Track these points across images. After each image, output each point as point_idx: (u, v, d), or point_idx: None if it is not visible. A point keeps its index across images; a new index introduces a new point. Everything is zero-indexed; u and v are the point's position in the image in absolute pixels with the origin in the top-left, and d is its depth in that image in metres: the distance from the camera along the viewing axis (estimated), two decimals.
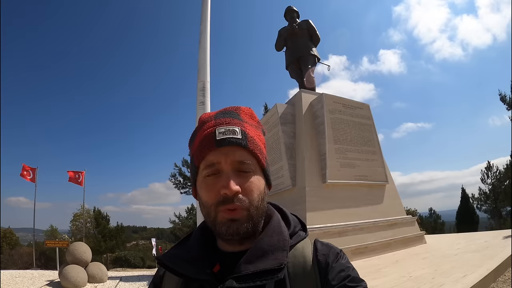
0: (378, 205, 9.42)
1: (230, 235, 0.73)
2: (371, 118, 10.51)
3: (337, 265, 0.77)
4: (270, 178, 0.83)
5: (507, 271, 5.85)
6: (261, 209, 0.77)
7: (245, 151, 0.75)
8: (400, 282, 5.13)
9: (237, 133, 0.75)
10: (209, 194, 0.74)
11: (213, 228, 0.76)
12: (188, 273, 0.74)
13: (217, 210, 0.73)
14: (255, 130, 0.81)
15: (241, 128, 0.77)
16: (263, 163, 0.79)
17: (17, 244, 25.80)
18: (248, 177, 0.75)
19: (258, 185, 0.76)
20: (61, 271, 8.21)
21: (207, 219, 0.77)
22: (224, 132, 0.75)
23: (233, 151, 0.74)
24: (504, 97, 18.92)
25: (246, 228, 0.73)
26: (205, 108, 6.22)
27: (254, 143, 0.77)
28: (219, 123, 0.77)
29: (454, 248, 8.29)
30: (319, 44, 12.03)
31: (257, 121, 0.85)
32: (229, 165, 0.73)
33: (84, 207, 24.61)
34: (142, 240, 55.72)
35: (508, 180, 20.72)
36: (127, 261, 23.45)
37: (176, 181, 24.55)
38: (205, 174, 0.75)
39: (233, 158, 0.73)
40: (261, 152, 0.79)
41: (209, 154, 0.74)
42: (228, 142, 0.74)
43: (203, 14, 6.93)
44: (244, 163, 0.74)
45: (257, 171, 0.77)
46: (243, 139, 0.75)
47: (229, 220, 0.72)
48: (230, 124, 0.77)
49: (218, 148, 0.74)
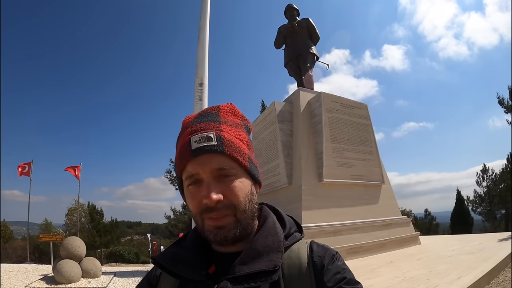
0: (374, 205, 9.44)
1: (218, 242, 0.74)
2: (368, 118, 10.51)
3: (332, 267, 0.76)
4: (257, 176, 0.81)
5: (501, 274, 5.87)
6: (250, 211, 0.76)
7: (223, 156, 0.73)
8: (395, 283, 5.13)
9: (212, 139, 0.73)
10: (193, 203, 0.74)
11: (202, 234, 0.76)
12: (183, 273, 0.74)
13: (203, 218, 0.72)
14: (234, 130, 0.78)
15: (216, 133, 0.74)
16: (245, 165, 0.76)
17: (11, 238, 25.71)
18: (230, 182, 0.73)
19: (242, 187, 0.74)
20: (55, 266, 8.18)
21: (197, 226, 0.77)
22: (199, 140, 0.73)
23: (210, 159, 0.72)
24: (502, 100, 18.98)
25: (234, 234, 0.72)
26: (203, 104, 6.18)
27: (232, 146, 0.74)
28: (194, 131, 0.75)
29: (449, 249, 8.32)
30: (318, 42, 12.02)
31: (240, 116, 0.83)
32: (208, 174, 0.72)
33: (79, 202, 24.53)
34: (136, 235, 55.70)
35: (503, 184, 20.81)
36: (122, 256, 23.39)
37: (171, 177, 24.53)
38: (187, 184, 0.75)
39: (210, 166, 0.72)
40: (241, 154, 0.76)
41: (188, 165, 0.73)
42: (204, 151, 0.72)
43: (202, 10, 6.89)
44: (223, 169, 0.72)
45: (240, 173, 0.75)
46: (218, 145, 0.72)
47: (215, 228, 0.72)
48: (206, 130, 0.74)
49: (195, 157, 0.72)
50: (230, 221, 0.72)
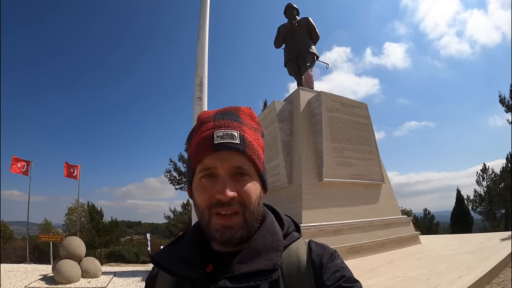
0: (374, 205, 9.44)
1: (224, 242, 0.74)
2: (368, 117, 10.51)
3: (331, 266, 0.76)
4: (266, 182, 0.83)
5: (501, 273, 5.87)
6: (257, 213, 0.77)
7: (243, 156, 0.74)
8: (395, 282, 5.13)
9: (236, 137, 0.74)
10: (203, 197, 0.73)
11: (207, 232, 0.75)
12: (181, 272, 0.74)
13: (211, 213, 0.72)
14: (254, 134, 0.80)
15: (240, 132, 0.76)
16: (260, 168, 0.78)
17: (10, 238, 25.67)
18: (245, 182, 0.74)
19: (255, 189, 0.75)
20: (55, 266, 8.16)
21: (201, 222, 0.78)
22: (223, 136, 0.73)
23: (230, 156, 0.73)
24: (504, 99, 18.98)
25: (240, 235, 0.73)
26: (203, 103, 6.18)
27: (252, 149, 0.76)
28: (217, 126, 0.76)
29: (449, 249, 8.31)
30: (318, 41, 12.00)
31: (257, 122, 0.85)
32: (225, 170, 0.73)
33: (78, 202, 24.49)
34: (136, 235, 55.67)
35: (503, 183, 20.82)
36: (121, 256, 23.36)
37: (171, 177, 24.45)
38: (201, 176, 0.75)
39: (230, 163, 0.73)
40: (259, 157, 0.78)
41: (206, 158, 0.74)
42: (226, 147, 0.73)
43: (202, 9, 6.89)
44: (241, 169, 0.74)
45: (254, 176, 0.77)
46: (241, 144, 0.74)
47: (223, 227, 0.72)
48: (229, 128, 0.75)
49: (216, 152, 0.73)
50: (239, 221, 0.72)
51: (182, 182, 24.09)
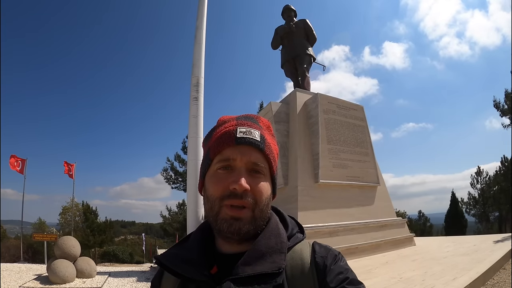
0: (369, 206, 9.48)
1: (231, 233, 0.74)
2: (364, 119, 10.56)
3: (335, 267, 0.76)
4: (276, 187, 0.85)
5: (496, 275, 5.91)
6: (265, 213, 0.78)
7: (261, 154, 0.78)
8: (391, 283, 5.15)
9: (257, 136, 0.78)
10: (217, 187, 0.75)
11: (214, 224, 0.76)
12: (186, 273, 0.74)
13: (221, 204, 0.74)
14: (271, 139, 0.84)
15: (260, 132, 0.80)
16: (274, 170, 0.82)
17: (4, 237, 25.44)
18: (259, 179, 0.76)
19: (267, 189, 0.78)
20: (50, 266, 8.11)
21: (210, 214, 0.77)
22: (245, 132, 0.77)
23: (250, 151, 0.76)
24: (498, 104, 19.10)
25: (247, 229, 0.74)
26: (199, 103, 6.17)
27: (270, 149, 0.80)
28: (241, 124, 0.80)
29: (443, 251, 8.37)
30: (315, 43, 12.03)
31: (272, 133, 0.88)
32: (243, 164, 0.75)
33: (73, 201, 24.33)
34: (130, 235, 55.38)
35: (497, 186, 20.97)
36: (116, 256, 23.28)
37: (167, 176, 24.38)
38: (218, 168, 0.77)
39: (249, 158, 0.76)
40: (274, 160, 0.82)
41: (226, 149, 0.77)
42: (247, 142, 0.76)
43: (199, 9, 6.88)
44: (258, 165, 0.76)
45: (267, 176, 0.79)
46: (261, 142, 0.78)
47: (232, 218, 0.73)
48: (251, 127, 0.79)
49: (237, 145, 0.76)
50: (248, 215, 0.73)
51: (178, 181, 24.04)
